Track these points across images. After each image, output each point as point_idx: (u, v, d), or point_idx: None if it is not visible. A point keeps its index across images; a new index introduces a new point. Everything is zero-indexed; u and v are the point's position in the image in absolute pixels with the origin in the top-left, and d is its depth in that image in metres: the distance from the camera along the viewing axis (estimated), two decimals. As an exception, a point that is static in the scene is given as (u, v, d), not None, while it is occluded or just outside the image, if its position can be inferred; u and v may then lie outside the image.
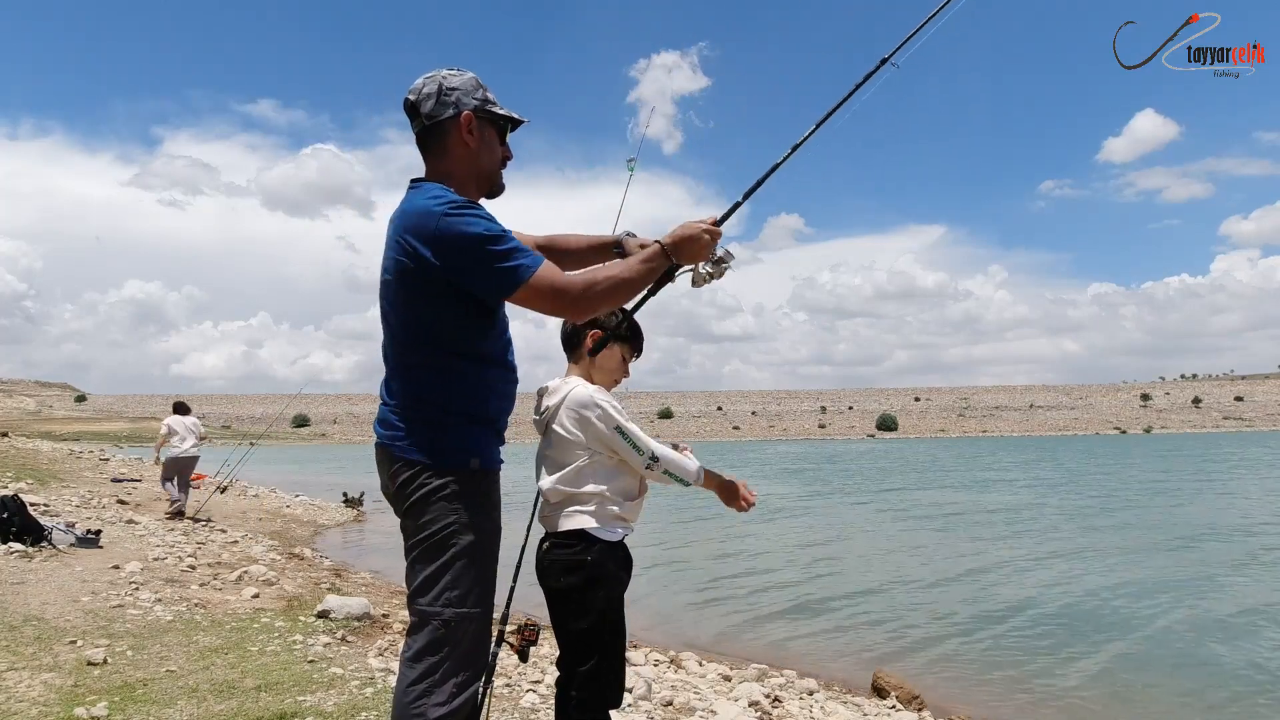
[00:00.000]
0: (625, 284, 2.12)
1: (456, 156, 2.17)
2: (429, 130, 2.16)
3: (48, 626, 4.98)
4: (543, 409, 2.47)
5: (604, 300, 2.11)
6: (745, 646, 7.37)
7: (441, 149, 2.17)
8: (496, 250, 1.99)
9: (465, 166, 2.17)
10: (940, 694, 6.08)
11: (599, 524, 2.36)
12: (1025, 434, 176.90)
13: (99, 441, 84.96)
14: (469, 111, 2.14)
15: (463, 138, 2.15)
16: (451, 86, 2.15)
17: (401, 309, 2.11)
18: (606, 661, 2.36)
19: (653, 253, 2.17)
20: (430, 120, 2.14)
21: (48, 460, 20.44)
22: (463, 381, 2.11)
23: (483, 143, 2.18)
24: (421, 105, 2.15)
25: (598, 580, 2.34)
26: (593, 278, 2.09)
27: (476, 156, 2.18)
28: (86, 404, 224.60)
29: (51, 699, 3.72)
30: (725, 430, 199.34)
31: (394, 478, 2.12)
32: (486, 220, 2.04)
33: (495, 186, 2.26)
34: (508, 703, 4.21)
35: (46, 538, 7.56)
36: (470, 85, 2.17)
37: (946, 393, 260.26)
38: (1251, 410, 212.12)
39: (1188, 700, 6.00)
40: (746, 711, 4.87)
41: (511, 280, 2.00)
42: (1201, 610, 8.72)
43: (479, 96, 2.17)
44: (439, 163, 2.18)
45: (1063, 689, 6.23)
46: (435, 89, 2.14)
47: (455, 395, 2.10)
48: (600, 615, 2.34)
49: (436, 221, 2.00)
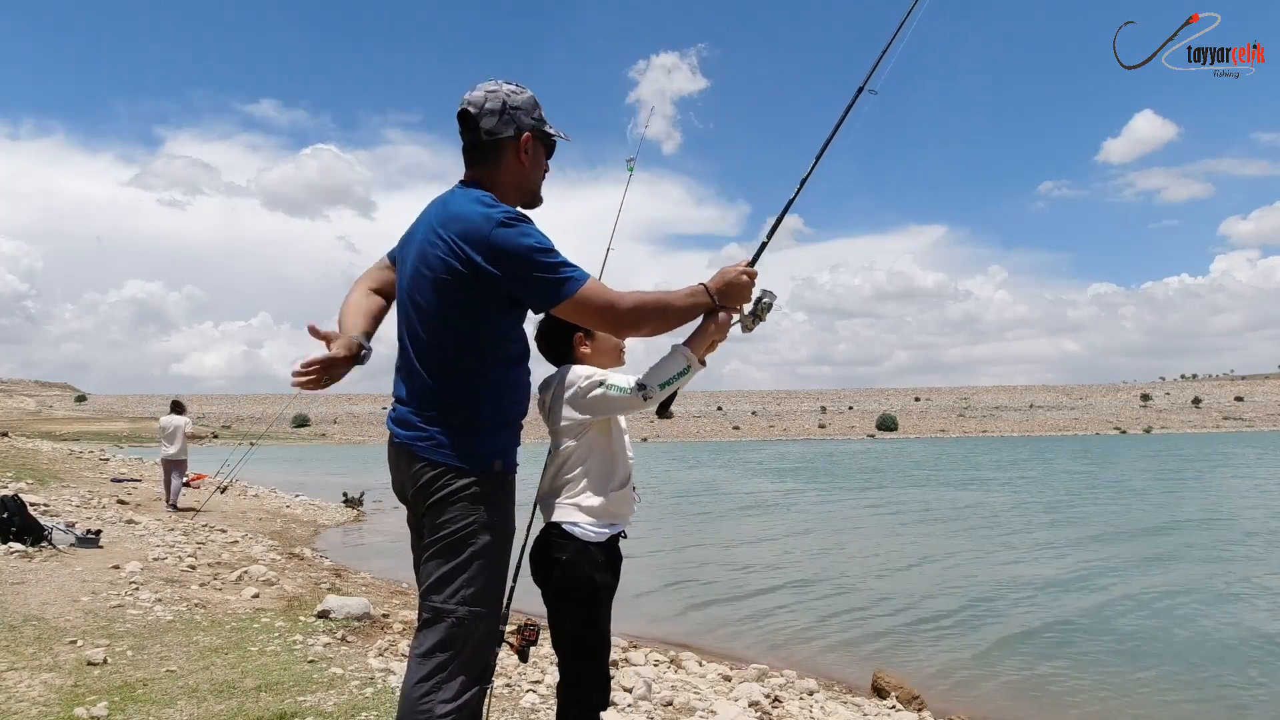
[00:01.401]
0: (670, 310, 2.17)
1: (509, 170, 2.21)
2: (486, 144, 2.20)
3: (48, 626, 4.98)
4: (546, 403, 2.47)
5: (649, 320, 2.15)
6: (745, 646, 7.37)
7: (495, 163, 2.21)
8: (548, 262, 2.04)
9: (514, 180, 2.23)
10: (940, 694, 6.08)
11: (585, 517, 2.34)
12: (1025, 434, 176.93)
13: (99, 441, 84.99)
14: (529, 133, 2.21)
15: (520, 156, 2.21)
16: (515, 106, 2.19)
17: (440, 309, 2.11)
18: (589, 661, 2.36)
19: (696, 290, 2.22)
20: (490, 136, 2.18)
21: (48, 460, 20.44)
22: (495, 385, 2.14)
23: (536, 161, 2.25)
24: (483, 120, 2.18)
25: (579, 579, 2.32)
26: (642, 297, 2.14)
27: (528, 173, 2.25)
28: (86, 404, 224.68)
29: (51, 699, 3.72)
30: (725, 430, 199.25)
31: (416, 478, 2.12)
32: (538, 232, 2.09)
33: (536, 198, 2.32)
34: (508, 703, 4.21)
35: (46, 538, 7.56)
36: (530, 105, 2.22)
37: (946, 393, 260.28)
38: (1252, 410, 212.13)
39: (1188, 700, 6.00)
40: (746, 711, 4.87)
41: (562, 291, 2.06)
42: (1201, 610, 8.72)
43: (536, 117, 2.23)
44: (489, 173, 2.21)
45: (1063, 689, 6.23)
46: (499, 106, 2.17)
47: (486, 400, 2.13)
48: (585, 612, 2.34)
49: (491, 229, 2.03)
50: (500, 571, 2.16)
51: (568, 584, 2.33)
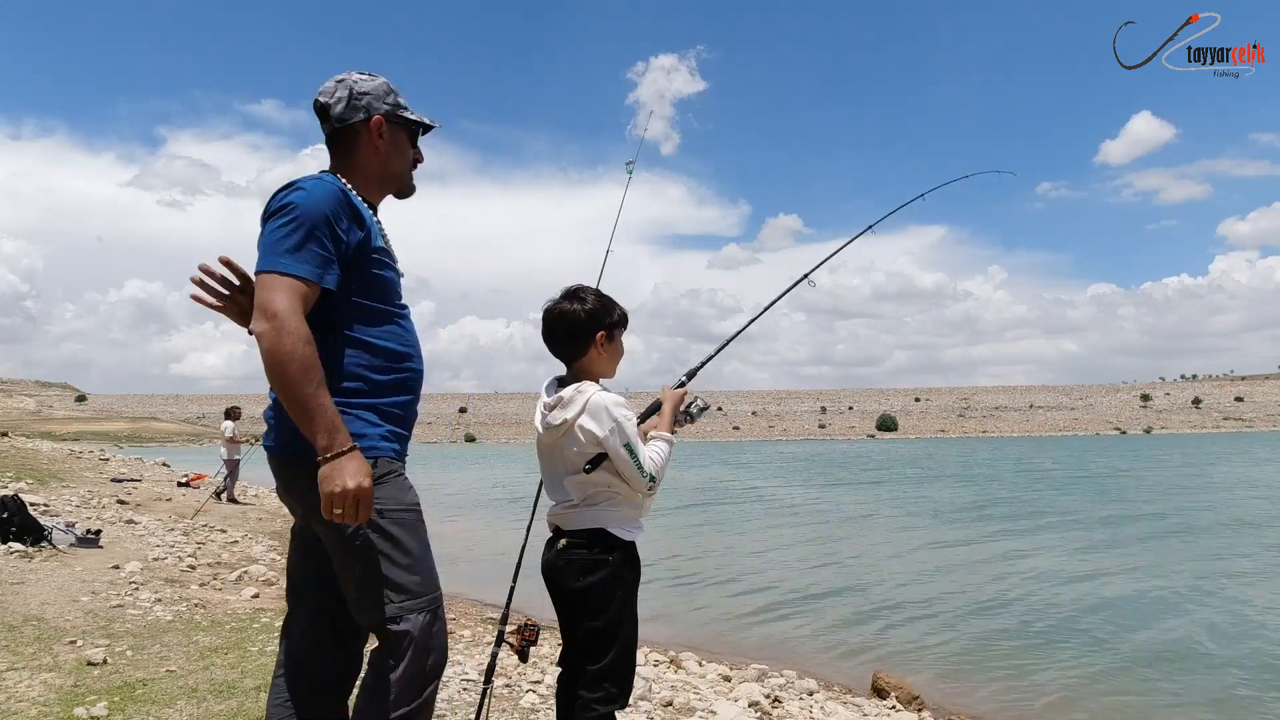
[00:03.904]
0: (296, 400, 1.90)
1: (365, 157, 2.21)
2: (339, 132, 2.20)
3: (47, 626, 4.98)
4: (559, 421, 2.33)
5: (280, 374, 1.89)
6: (745, 646, 7.37)
7: (350, 150, 2.21)
8: (277, 235, 1.98)
9: (374, 167, 2.22)
10: (940, 694, 6.08)
11: (619, 523, 2.37)
12: (1025, 434, 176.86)
13: (99, 441, 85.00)
14: (380, 116, 2.19)
15: (373, 141, 2.20)
16: (364, 91, 2.19)
17: None
18: (622, 659, 2.37)
19: (333, 425, 1.95)
20: (340, 123, 2.18)
21: (48, 460, 20.42)
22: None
23: (393, 147, 2.23)
24: (331, 109, 2.18)
25: (618, 579, 2.35)
26: (306, 357, 1.89)
27: (385, 159, 2.23)
28: (87, 404, 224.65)
29: (51, 699, 3.72)
30: (725, 430, 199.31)
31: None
32: (311, 214, 2.00)
33: (404, 188, 2.31)
34: (508, 703, 4.21)
35: (46, 538, 7.55)
36: (381, 90, 2.21)
37: (946, 393, 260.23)
38: (1251, 410, 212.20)
39: (1187, 699, 6.00)
40: (746, 712, 4.87)
41: (260, 261, 2.00)
42: (1203, 611, 8.70)
43: (390, 101, 2.21)
44: (345, 161, 2.22)
45: (1063, 689, 6.22)
46: (346, 94, 2.18)
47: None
48: (618, 613, 2.35)
49: (266, 203, 2.08)
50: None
51: (613, 581, 2.35)
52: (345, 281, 2.05)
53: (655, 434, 2.44)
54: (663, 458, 2.39)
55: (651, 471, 2.34)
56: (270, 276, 1.94)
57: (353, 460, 1.88)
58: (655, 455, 2.37)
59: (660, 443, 2.42)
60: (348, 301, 2.07)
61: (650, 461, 2.34)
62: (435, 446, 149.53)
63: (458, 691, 4.24)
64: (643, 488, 2.35)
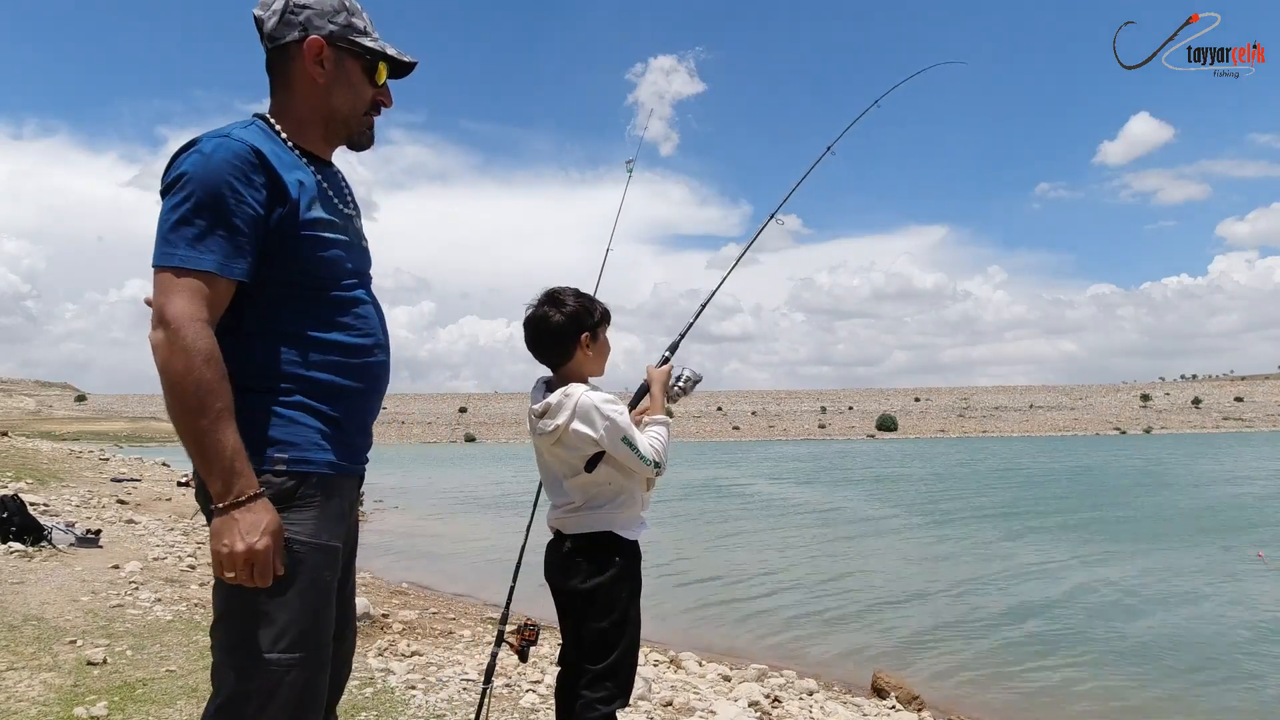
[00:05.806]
0: (191, 426, 1.52)
1: (300, 92, 1.75)
2: (271, 54, 1.76)
3: (47, 626, 4.98)
4: (551, 428, 2.30)
5: (176, 394, 1.52)
6: (745, 646, 7.38)
7: (284, 83, 1.76)
8: (171, 219, 1.59)
9: (309, 104, 1.76)
10: (940, 694, 6.08)
11: (624, 524, 2.36)
12: (1025, 434, 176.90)
13: (99, 441, 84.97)
14: (318, 37, 1.72)
15: (306, 68, 1.73)
16: (301, 4, 1.71)
17: None
18: (625, 659, 2.36)
19: (233, 470, 1.56)
20: (272, 42, 1.74)
21: (48, 460, 20.43)
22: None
23: (336, 78, 1.75)
24: (266, 23, 1.73)
25: (624, 579, 2.35)
26: (202, 377, 1.51)
27: (326, 94, 1.75)
28: (86, 404, 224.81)
29: (51, 699, 3.72)
30: (725, 430, 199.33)
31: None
32: (218, 184, 1.57)
33: (357, 136, 1.83)
34: (508, 703, 4.21)
35: (46, 537, 7.55)
36: (329, 6, 1.73)
37: (946, 393, 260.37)
38: (1251, 410, 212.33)
39: (1187, 699, 6.00)
40: (746, 711, 4.87)
41: (155, 254, 1.59)
42: (1204, 611, 8.72)
43: (339, 21, 1.73)
44: (279, 98, 1.78)
45: (1062, 689, 6.23)
46: (282, 5, 1.72)
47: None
48: (625, 613, 2.35)
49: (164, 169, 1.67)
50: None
51: (620, 581, 2.34)
52: (265, 268, 1.63)
53: (650, 418, 2.44)
54: (663, 441, 2.37)
55: (654, 458, 2.33)
56: (164, 275, 1.54)
57: (250, 513, 1.51)
58: (655, 441, 2.35)
59: (657, 426, 2.40)
60: (275, 289, 1.65)
61: (650, 449, 2.33)
62: (435, 446, 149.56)
63: (458, 691, 4.24)
64: (649, 474, 2.37)
